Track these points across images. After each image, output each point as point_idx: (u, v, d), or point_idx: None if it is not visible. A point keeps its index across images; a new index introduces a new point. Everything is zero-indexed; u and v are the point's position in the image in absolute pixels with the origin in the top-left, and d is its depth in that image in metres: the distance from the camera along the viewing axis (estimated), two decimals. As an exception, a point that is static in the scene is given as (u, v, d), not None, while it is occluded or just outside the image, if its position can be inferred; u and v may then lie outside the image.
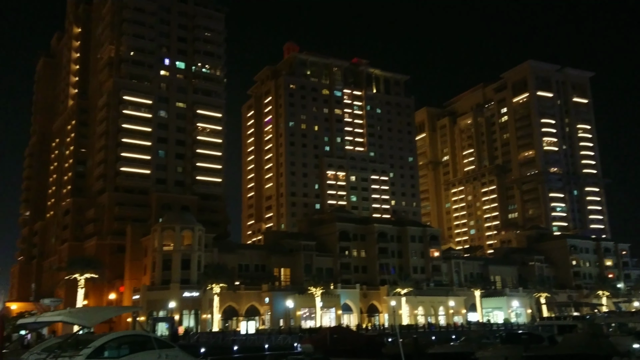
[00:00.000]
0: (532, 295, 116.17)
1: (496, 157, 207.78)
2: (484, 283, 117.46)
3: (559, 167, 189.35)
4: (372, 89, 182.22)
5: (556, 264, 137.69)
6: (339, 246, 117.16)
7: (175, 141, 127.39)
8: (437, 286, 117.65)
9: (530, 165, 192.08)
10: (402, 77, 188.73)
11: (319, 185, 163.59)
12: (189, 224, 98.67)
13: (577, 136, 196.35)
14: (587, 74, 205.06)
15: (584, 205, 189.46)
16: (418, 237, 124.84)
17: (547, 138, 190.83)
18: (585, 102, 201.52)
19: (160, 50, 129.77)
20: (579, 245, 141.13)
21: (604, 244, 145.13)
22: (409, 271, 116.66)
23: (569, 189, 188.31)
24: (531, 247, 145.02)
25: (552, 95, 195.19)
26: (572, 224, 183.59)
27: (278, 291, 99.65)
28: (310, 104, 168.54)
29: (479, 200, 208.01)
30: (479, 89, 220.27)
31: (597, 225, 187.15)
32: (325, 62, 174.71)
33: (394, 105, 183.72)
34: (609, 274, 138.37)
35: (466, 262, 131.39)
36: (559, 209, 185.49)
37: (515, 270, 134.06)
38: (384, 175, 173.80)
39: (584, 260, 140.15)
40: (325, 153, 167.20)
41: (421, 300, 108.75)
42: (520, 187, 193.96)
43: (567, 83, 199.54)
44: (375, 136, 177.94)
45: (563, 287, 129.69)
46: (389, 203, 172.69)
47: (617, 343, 34.88)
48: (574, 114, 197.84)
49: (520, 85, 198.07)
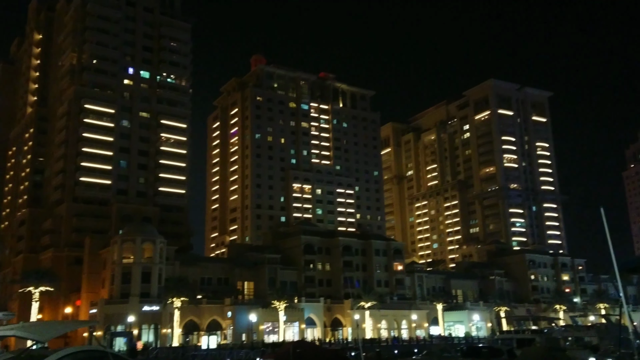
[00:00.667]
0: (492, 309, 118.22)
1: (459, 173, 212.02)
2: (446, 297, 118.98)
3: (518, 184, 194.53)
4: (339, 103, 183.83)
5: (515, 278, 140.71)
6: (303, 259, 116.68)
7: (137, 151, 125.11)
8: (400, 300, 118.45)
9: (491, 181, 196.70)
10: (368, 92, 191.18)
11: (284, 198, 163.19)
12: (150, 236, 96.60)
13: (536, 154, 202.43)
14: (545, 94, 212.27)
15: (542, 221, 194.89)
16: (382, 250, 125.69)
17: (507, 155, 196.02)
18: (544, 120, 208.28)
19: (124, 59, 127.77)
20: (537, 260, 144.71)
21: (561, 259, 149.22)
22: (373, 285, 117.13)
23: (528, 205, 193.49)
24: (492, 261, 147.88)
25: (512, 113, 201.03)
26: (531, 239, 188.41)
27: (241, 305, 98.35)
28: (277, 117, 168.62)
29: (442, 214, 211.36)
30: (442, 105, 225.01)
31: (554, 240, 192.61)
32: (293, 75, 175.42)
33: (360, 120, 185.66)
34: (566, 288, 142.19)
35: (429, 276, 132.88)
36: (518, 225, 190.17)
37: (476, 284, 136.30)
38: (349, 189, 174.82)
39: (542, 275, 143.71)
40: (292, 166, 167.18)
41: (384, 314, 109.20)
42: (481, 203, 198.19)
43: (527, 102, 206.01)
44: (342, 150, 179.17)
45: (522, 301, 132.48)
46: (354, 216, 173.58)
47: (574, 356, 35.76)
48: (533, 132, 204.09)
49: (482, 103, 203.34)
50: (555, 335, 61.32)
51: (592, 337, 58.63)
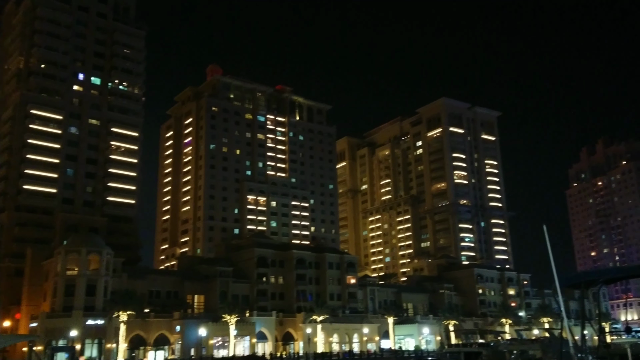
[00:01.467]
0: (441, 323, 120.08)
1: (411, 188, 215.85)
2: (397, 310, 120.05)
3: (468, 200, 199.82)
4: (295, 116, 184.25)
5: (464, 292, 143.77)
6: (256, 272, 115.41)
7: (86, 159, 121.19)
8: (352, 313, 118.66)
9: (442, 197, 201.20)
10: (325, 107, 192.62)
11: (238, 210, 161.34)
12: (96, 247, 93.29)
13: (485, 171, 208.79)
14: (494, 114, 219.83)
15: (490, 236, 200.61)
16: (336, 264, 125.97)
17: (457, 172, 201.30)
18: (493, 139, 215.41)
19: (74, 65, 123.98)
20: (485, 275, 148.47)
21: (507, 273, 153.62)
22: (325, 298, 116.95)
23: (476, 221, 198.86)
24: (441, 275, 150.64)
25: (463, 131, 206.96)
26: (479, 254, 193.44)
27: (190, 319, 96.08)
28: (232, 128, 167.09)
29: (395, 228, 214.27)
30: (396, 122, 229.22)
31: (501, 255, 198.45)
32: (249, 86, 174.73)
33: (316, 133, 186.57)
34: (512, 302, 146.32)
35: (381, 289, 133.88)
36: (467, 239, 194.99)
37: (427, 297, 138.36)
38: (304, 202, 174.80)
39: (490, 289, 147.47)
40: (246, 177, 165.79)
41: (336, 328, 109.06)
42: (432, 217, 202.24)
43: (477, 121, 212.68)
44: (297, 162, 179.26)
45: (470, 314, 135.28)
46: (309, 229, 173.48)
47: (518, 369, 36.68)
48: (482, 150, 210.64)
49: (434, 120, 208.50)
50: (501, 348, 63.04)
51: (535, 350, 60.57)
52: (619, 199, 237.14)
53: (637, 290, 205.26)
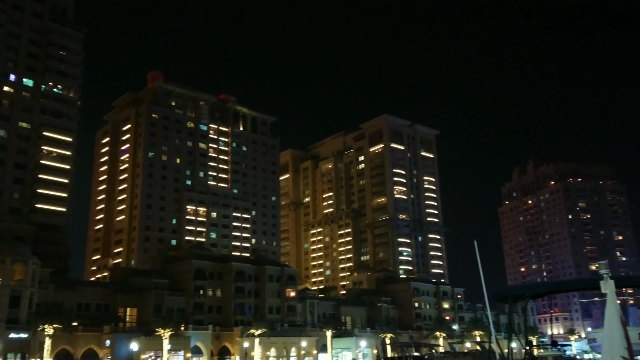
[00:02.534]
0: (378, 336, 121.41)
1: (353, 202, 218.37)
2: (335, 323, 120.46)
3: (407, 214, 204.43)
4: (239, 127, 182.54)
5: (401, 305, 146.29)
6: (193, 285, 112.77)
7: (14, 164, 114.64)
8: (291, 327, 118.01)
9: (382, 211, 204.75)
10: (269, 118, 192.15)
11: (176, 220, 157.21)
12: (21, 257, 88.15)
13: (423, 187, 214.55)
14: (433, 132, 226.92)
15: (427, 250, 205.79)
16: (276, 276, 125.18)
17: (397, 187, 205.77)
18: (431, 156, 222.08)
19: (5, 65, 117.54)
20: (421, 289, 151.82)
21: (442, 287, 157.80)
22: (264, 311, 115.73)
23: (414, 235, 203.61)
24: (380, 288, 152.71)
25: (403, 148, 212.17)
26: (416, 267, 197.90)
27: (122, 333, 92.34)
28: (173, 136, 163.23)
29: (336, 242, 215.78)
30: (340, 136, 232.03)
31: (437, 270, 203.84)
32: (192, 95, 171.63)
33: (259, 145, 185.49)
34: (446, 316, 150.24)
35: (320, 302, 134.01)
36: (405, 254, 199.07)
37: (365, 311, 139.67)
38: (246, 213, 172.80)
39: (425, 303, 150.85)
40: (186, 187, 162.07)
41: (274, 342, 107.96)
42: (372, 231, 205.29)
43: (417, 138, 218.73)
44: (240, 173, 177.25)
45: (406, 327, 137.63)
46: (250, 241, 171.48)
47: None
48: (421, 166, 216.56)
49: (376, 136, 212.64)
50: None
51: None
52: (547, 217, 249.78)
53: (562, 306, 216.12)
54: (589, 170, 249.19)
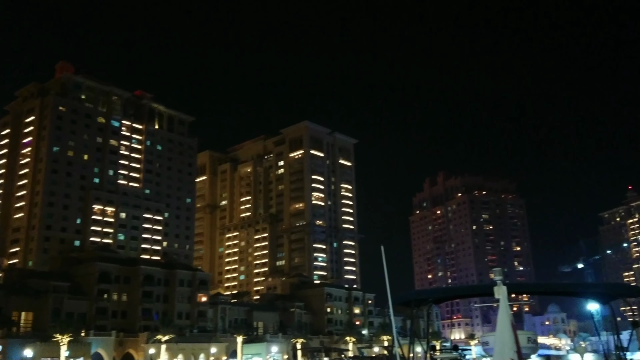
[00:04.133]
0: (290, 341, 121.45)
1: (271, 207, 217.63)
2: (247, 329, 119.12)
3: (323, 221, 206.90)
4: (154, 125, 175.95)
5: (314, 310, 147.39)
6: (97, 288, 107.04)
7: None
8: (200, 332, 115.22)
9: (299, 217, 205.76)
10: (188, 118, 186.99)
11: (81, 220, 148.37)
12: None
13: (340, 194, 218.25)
14: (352, 140, 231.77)
15: (341, 256, 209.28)
16: (187, 281, 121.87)
17: (315, 193, 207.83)
18: (349, 164, 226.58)
19: None
20: (334, 294, 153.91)
21: (354, 293, 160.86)
22: (173, 317, 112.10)
23: (330, 241, 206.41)
24: (294, 294, 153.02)
25: (323, 155, 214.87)
26: (330, 273, 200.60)
27: (15, 338, 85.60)
28: (81, 131, 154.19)
29: (252, 246, 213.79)
30: (260, 140, 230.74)
31: (350, 275, 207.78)
32: (105, 88, 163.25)
33: (176, 144, 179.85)
34: (357, 321, 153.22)
35: (232, 307, 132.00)
36: (320, 259, 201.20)
37: (277, 316, 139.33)
38: (157, 215, 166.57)
39: (337, 308, 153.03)
40: (94, 185, 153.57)
41: (182, 348, 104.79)
42: (289, 237, 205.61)
43: (336, 146, 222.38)
44: (153, 173, 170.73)
45: (318, 333, 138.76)
46: (161, 244, 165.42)
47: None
48: (339, 174, 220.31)
49: (296, 142, 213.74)
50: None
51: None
52: (454, 227, 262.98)
53: (464, 312, 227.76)
54: (493, 185, 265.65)
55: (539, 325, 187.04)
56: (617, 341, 12.90)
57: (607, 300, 13.64)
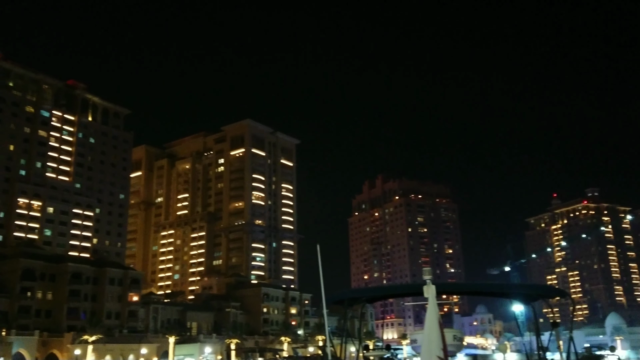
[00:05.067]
0: (224, 342, 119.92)
1: (209, 205, 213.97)
2: (180, 329, 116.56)
3: (263, 220, 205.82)
4: (88, 117, 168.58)
5: (250, 310, 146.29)
6: (20, 286, 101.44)
7: None
8: (131, 333, 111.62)
9: (238, 216, 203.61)
10: (124, 110, 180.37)
11: (5, 214, 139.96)
12: None
13: (281, 194, 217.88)
14: (294, 141, 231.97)
15: (280, 257, 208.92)
16: (118, 279, 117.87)
17: (256, 192, 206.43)
18: (291, 165, 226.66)
19: None
20: (271, 294, 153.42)
21: (291, 293, 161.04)
22: (102, 316, 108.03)
23: (269, 241, 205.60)
24: (230, 294, 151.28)
25: (264, 154, 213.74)
26: (268, 273, 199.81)
27: None
28: (7, 120, 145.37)
29: (188, 245, 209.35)
30: (200, 136, 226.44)
31: (288, 276, 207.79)
32: (35, 77, 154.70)
33: (110, 138, 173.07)
34: (293, 321, 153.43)
35: (165, 307, 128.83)
36: (258, 259, 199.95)
37: (212, 316, 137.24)
38: (88, 210, 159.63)
39: (274, 308, 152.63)
40: (20, 178, 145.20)
41: (110, 349, 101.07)
42: (227, 236, 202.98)
43: (278, 146, 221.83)
44: (85, 167, 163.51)
45: (253, 333, 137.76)
46: (91, 241, 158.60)
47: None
48: (280, 174, 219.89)
49: (238, 140, 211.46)
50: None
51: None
52: (390, 230, 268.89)
53: (398, 312, 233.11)
54: (428, 189, 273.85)
55: (467, 326, 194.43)
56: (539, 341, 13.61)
57: (529, 301, 14.36)
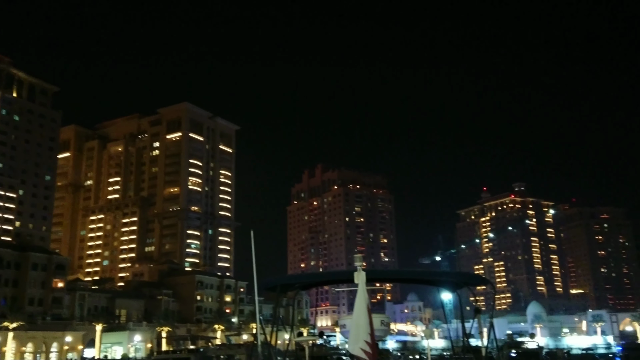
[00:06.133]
0: (155, 330, 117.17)
1: (142, 189, 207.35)
2: (108, 317, 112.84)
3: (199, 207, 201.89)
4: (12, 92, 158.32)
5: (183, 298, 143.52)
6: None
7: None
8: (55, 320, 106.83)
9: (173, 202, 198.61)
10: (51, 87, 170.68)
11: None
12: None
13: (219, 180, 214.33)
14: (234, 127, 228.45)
15: (216, 244, 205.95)
16: (42, 265, 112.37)
17: (192, 178, 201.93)
18: (230, 151, 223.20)
19: None
20: (205, 282, 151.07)
21: (226, 281, 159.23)
22: (24, 303, 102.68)
23: (205, 228, 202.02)
24: (162, 281, 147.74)
25: (202, 139, 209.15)
26: (203, 260, 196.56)
27: None
28: None
29: (118, 230, 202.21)
30: (134, 118, 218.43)
31: (224, 263, 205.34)
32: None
33: (36, 116, 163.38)
34: (227, 309, 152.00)
35: (93, 294, 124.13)
36: (193, 246, 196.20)
37: (143, 304, 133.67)
38: (10, 192, 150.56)
39: (208, 296, 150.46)
40: None
41: (32, 336, 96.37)
42: (161, 222, 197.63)
43: (217, 131, 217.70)
44: (8, 146, 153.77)
45: (186, 321, 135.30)
46: (13, 224, 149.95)
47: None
48: (219, 160, 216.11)
49: (174, 124, 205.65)
50: (209, 354, 64.55)
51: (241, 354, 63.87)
52: (328, 219, 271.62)
53: (332, 300, 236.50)
54: (366, 179, 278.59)
55: (398, 313, 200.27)
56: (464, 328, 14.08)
57: (456, 288, 14.79)
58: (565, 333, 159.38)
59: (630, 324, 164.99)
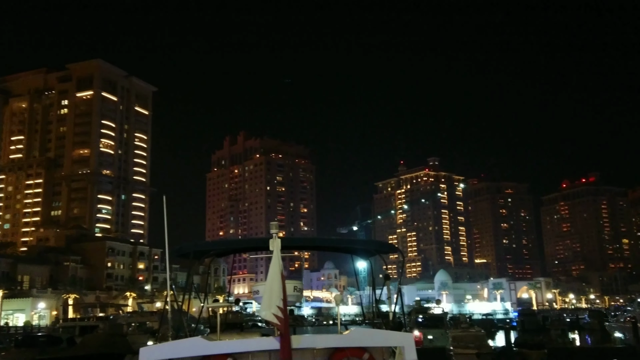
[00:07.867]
0: (60, 297, 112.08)
1: (49, 150, 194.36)
2: (9, 283, 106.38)
3: (111, 170, 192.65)
4: None
5: (92, 265, 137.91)
6: None
7: None
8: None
9: (83, 164, 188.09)
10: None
11: None
12: None
13: (134, 144, 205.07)
14: (151, 88, 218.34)
15: (129, 210, 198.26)
16: None
17: (104, 140, 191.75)
18: (146, 113, 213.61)
19: None
20: (117, 248, 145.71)
21: (140, 248, 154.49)
22: None
23: (117, 193, 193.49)
24: (69, 247, 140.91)
25: (116, 99, 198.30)
26: (115, 227, 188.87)
27: None
28: None
29: (21, 192, 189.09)
30: (41, 73, 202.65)
31: (137, 230, 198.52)
32: None
33: None
34: (140, 276, 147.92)
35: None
36: (104, 211, 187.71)
37: (48, 270, 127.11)
38: None
39: (119, 263, 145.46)
40: None
41: None
42: (69, 185, 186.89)
43: (132, 92, 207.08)
44: None
45: (95, 288, 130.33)
46: None
47: (134, 341, 36.54)
48: (134, 122, 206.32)
49: (86, 81, 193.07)
50: (120, 321, 62.43)
51: (154, 322, 62.37)
52: (249, 187, 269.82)
53: (250, 268, 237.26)
54: (289, 149, 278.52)
55: (315, 281, 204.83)
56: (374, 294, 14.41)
57: (368, 256, 15.04)
58: (468, 299, 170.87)
59: (526, 291, 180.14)
